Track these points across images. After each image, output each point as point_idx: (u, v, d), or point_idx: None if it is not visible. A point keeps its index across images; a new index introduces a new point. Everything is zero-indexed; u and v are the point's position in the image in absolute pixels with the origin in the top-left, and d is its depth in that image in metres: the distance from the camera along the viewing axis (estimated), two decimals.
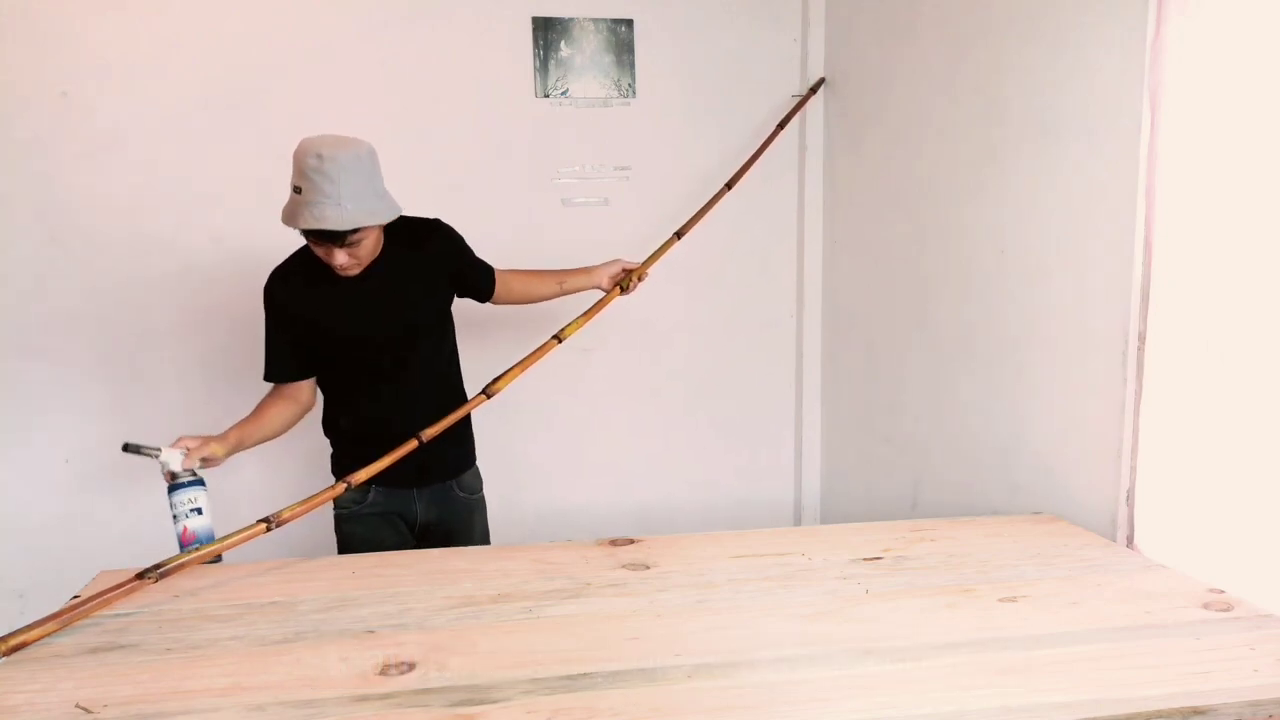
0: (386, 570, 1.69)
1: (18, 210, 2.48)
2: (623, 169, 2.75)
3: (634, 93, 2.75)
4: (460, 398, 2.05)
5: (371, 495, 1.98)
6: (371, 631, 1.41)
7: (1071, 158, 1.88)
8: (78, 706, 1.18)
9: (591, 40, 2.72)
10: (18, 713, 1.18)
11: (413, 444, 1.84)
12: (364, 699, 1.20)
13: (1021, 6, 2.01)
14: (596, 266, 2.22)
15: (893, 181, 2.57)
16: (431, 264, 1.95)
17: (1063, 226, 1.92)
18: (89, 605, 1.45)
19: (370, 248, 1.80)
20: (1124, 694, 1.18)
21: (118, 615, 1.48)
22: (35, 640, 1.36)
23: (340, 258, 1.76)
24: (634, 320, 2.85)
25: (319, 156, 1.67)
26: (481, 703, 1.19)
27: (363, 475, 1.80)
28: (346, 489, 1.80)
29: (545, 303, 2.23)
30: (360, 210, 1.70)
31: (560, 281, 2.20)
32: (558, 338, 2.07)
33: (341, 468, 2.01)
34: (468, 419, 2.08)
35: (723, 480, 3.01)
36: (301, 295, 1.88)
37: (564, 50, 2.70)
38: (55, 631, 1.39)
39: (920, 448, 2.50)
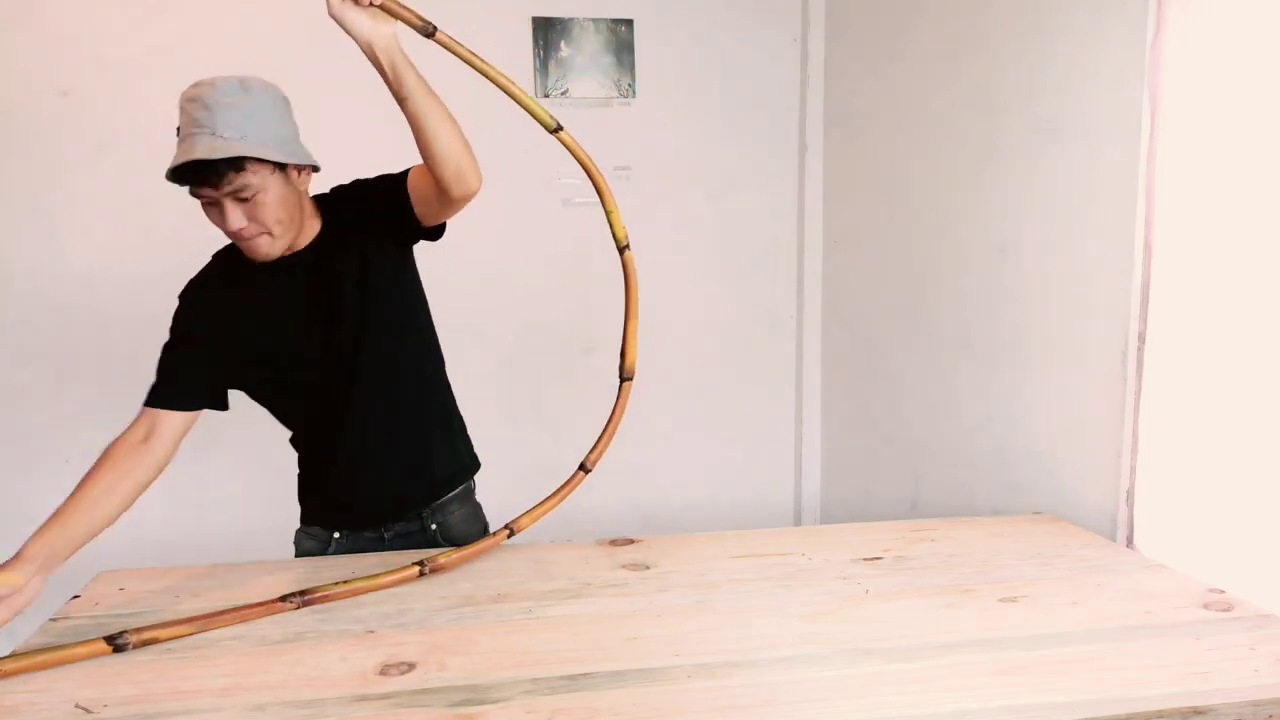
0: None
1: (18, 211, 2.48)
2: (623, 169, 2.75)
3: (634, 93, 2.75)
4: (456, 421, 1.79)
5: (333, 547, 1.75)
6: (371, 631, 1.41)
7: (1071, 158, 1.88)
8: (78, 706, 1.18)
9: (591, 40, 2.71)
10: (18, 712, 1.17)
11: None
12: (364, 699, 1.20)
13: (1021, 6, 2.01)
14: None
15: (892, 181, 2.57)
16: (354, 231, 1.55)
17: (1063, 226, 1.92)
18: (243, 613, 1.44)
19: (274, 208, 1.43)
20: (1124, 694, 1.18)
21: (117, 615, 1.47)
22: (168, 639, 1.36)
23: (235, 217, 1.40)
24: None
25: (195, 86, 1.38)
26: (481, 703, 1.19)
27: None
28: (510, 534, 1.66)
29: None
30: (243, 143, 1.36)
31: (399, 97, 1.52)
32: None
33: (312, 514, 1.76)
34: (450, 419, 1.79)
35: (723, 480, 3.01)
36: (222, 298, 1.55)
37: (564, 50, 2.70)
38: (189, 634, 1.38)
39: (920, 448, 2.50)
